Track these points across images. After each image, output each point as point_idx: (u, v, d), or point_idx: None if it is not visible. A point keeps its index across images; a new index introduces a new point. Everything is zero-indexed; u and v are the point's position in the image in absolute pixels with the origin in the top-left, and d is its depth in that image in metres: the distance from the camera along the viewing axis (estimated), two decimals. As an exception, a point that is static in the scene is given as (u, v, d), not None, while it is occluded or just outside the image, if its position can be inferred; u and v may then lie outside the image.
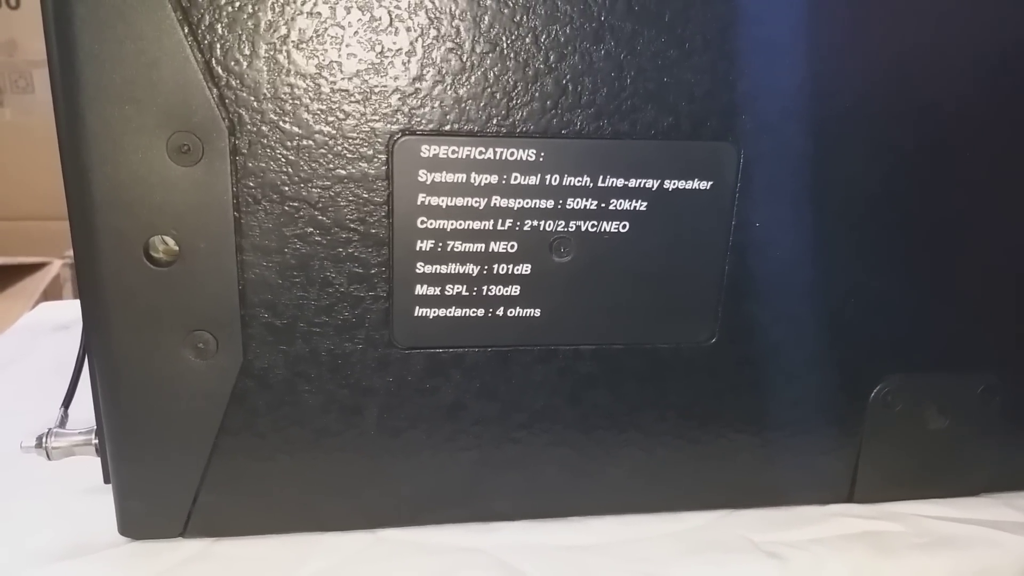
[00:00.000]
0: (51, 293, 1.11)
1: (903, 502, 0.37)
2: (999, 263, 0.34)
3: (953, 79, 0.31)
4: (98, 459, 0.32)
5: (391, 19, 0.27)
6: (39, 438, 0.32)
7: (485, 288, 0.30)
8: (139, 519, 0.31)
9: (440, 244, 0.29)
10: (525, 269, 0.30)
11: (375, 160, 0.28)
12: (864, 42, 0.30)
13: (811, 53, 0.29)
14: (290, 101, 0.27)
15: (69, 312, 0.63)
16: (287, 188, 0.28)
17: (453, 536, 0.33)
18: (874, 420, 0.35)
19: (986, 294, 0.34)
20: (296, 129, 0.27)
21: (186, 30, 0.26)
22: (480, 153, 0.28)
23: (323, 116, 0.27)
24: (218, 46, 0.26)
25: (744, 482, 0.35)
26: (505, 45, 0.27)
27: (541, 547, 0.33)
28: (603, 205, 0.30)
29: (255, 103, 0.27)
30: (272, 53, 0.26)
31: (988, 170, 0.32)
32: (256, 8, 0.26)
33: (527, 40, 0.27)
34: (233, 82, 0.26)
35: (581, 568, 0.32)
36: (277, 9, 0.26)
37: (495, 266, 0.30)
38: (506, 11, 0.27)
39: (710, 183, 0.30)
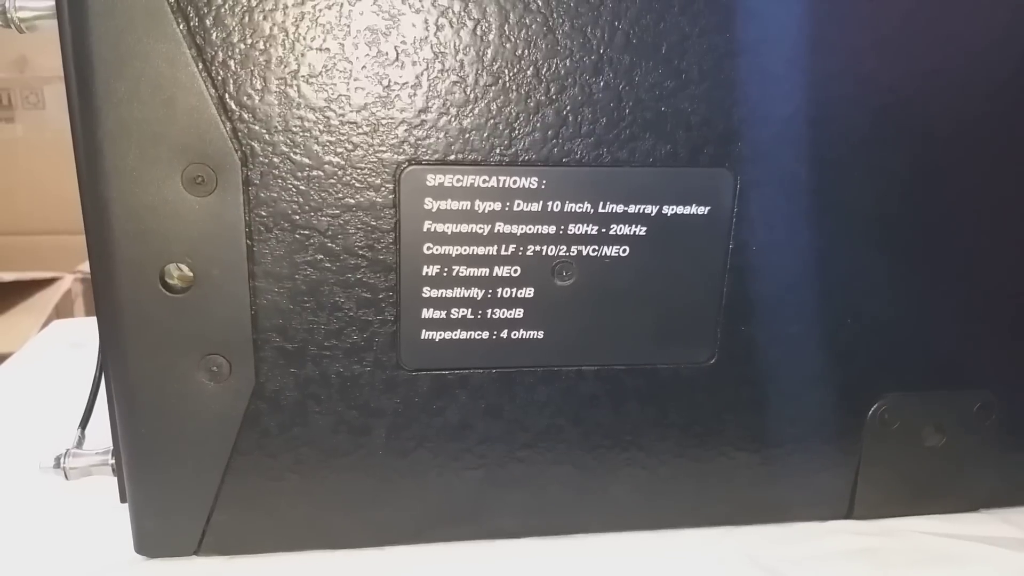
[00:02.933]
0: (62, 308, 1.12)
1: (901, 518, 0.37)
2: (994, 282, 0.34)
3: (947, 104, 0.31)
4: (115, 479, 0.33)
5: (398, 54, 0.28)
6: (57, 459, 0.33)
7: (489, 311, 0.31)
8: (154, 537, 0.32)
9: (446, 269, 0.30)
10: (528, 293, 0.31)
11: (382, 189, 0.29)
12: (857, 69, 0.30)
13: (804, 81, 0.30)
14: (300, 133, 0.28)
15: (82, 330, 0.64)
16: (298, 217, 0.29)
17: (459, 553, 0.34)
18: (872, 438, 0.35)
19: (981, 313, 0.35)
20: (306, 160, 0.28)
21: (200, 66, 0.27)
22: (484, 181, 0.29)
23: (332, 147, 0.28)
24: (231, 81, 0.27)
25: (744, 499, 0.36)
26: (507, 78, 0.28)
27: (545, 564, 0.33)
28: (603, 230, 0.31)
29: (267, 136, 0.28)
30: (283, 87, 0.27)
31: (982, 192, 0.33)
32: (267, 45, 0.27)
33: (528, 73, 0.28)
34: (246, 116, 0.27)
35: (584, 584, 0.32)
36: (287, 45, 0.27)
37: (499, 290, 0.31)
38: (508, 46, 0.28)
39: (708, 208, 0.31)
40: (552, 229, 0.30)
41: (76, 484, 0.34)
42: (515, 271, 0.31)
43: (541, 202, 0.30)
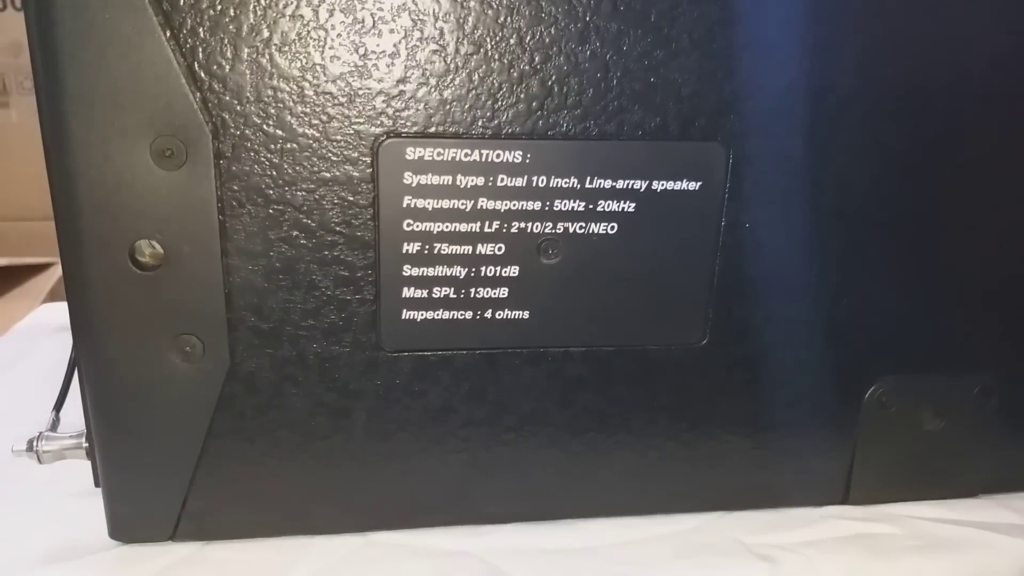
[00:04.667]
0: (57, 293, 1.11)
1: (898, 504, 0.36)
2: (993, 263, 0.33)
3: (945, 76, 0.30)
4: (89, 462, 0.32)
5: (374, 21, 0.27)
6: (30, 442, 0.32)
7: (473, 290, 0.30)
8: (129, 523, 0.31)
9: (427, 246, 0.29)
10: (513, 271, 0.30)
11: (360, 163, 0.28)
12: (853, 40, 0.29)
13: (800, 52, 0.29)
14: (273, 104, 0.27)
15: (70, 313, 0.63)
16: (271, 191, 0.28)
17: (443, 539, 0.33)
18: (869, 421, 0.34)
19: (981, 294, 0.34)
20: (280, 132, 0.27)
21: (168, 34, 0.25)
22: (466, 155, 0.28)
23: (307, 119, 0.27)
24: (200, 50, 0.26)
25: (737, 484, 0.35)
26: (489, 46, 0.27)
27: (531, 550, 0.33)
28: (591, 206, 0.30)
29: (238, 107, 0.27)
30: (255, 56, 0.26)
31: (980, 169, 0.32)
32: (238, 11, 0.26)
33: (512, 41, 0.27)
34: (216, 86, 0.26)
35: (571, 571, 0.31)
36: (259, 12, 0.26)
37: (483, 268, 0.30)
38: (490, 12, 0.27)
39: (699, 184, 0.30)
40: (537, 205, 0.29)
41: (49, 468, 0.33)
42: (499, 249, 0.30)
43: (526, 177, 0.29)
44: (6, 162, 1.24)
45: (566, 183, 0.29)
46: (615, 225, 0.30)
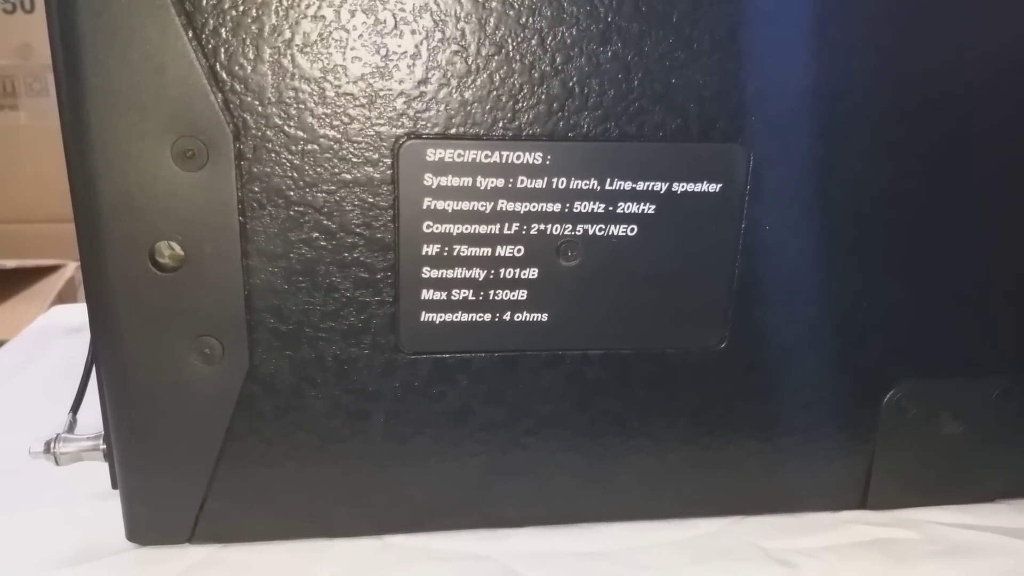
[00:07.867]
0: (65, 295, 1.12)
1: (917, 509, 0.36)
2: (1014, 265, 0.33)
3: (966, 77, 0.30)
4: (106, 464, 0.32)
5: (396, 22, 0.26)
6: (47, 443, 0.32)
7: (492, 293, 0.30)
8: (146, 525, 0.31)
9: (446, 248, 0.29)
10: (532, 273, 0.30)
11: (380, 164, 0.28)
12: (875, 41, 0.29)
13: (821, 53, 0.29)
14: (295, 105, 0.27)
15: (82, 315, 0.63)
16: (292, 193, 0.27)
17: (461, 542, 0.33)
18: (887, 426, 0.34)
19: (1001, 297, 0.33)
20: (301, 133, 0.27)
21: (190, 35, 0.25)
22: (486, 156, 0.28)
23: (328, 120, 0.27)
24: (222, 50, 0.26)
25: (755, 488, 0.35)
26: (511, 47, 0.27)
27: (549, 554, 0.32)
28: (611, 208, 0.29)
29: (259, 108, 0.26)
30: (276, 57, 0.26)
31: (1002, 170, 0.32)
32: (260, 12, 0.26)
33: (533, 42, 0.27)
34: (237, 87, 0.26)
35: (589, 575, 0.31)
36: (281, 13, 0.26)
37: (502, 270, 0.30)
38: (511, 13, 0.27)
39: (719, 185, 0.30)
40: (557, 207, 0.29)
41: (67, 470, 0.33)
42: (518, 251, 0.29)
43: (546, 178, 0.29)
44: (15, 164, 1.24)
45: (586, 185, 0.29)
46: (635, 227, 0.30)
